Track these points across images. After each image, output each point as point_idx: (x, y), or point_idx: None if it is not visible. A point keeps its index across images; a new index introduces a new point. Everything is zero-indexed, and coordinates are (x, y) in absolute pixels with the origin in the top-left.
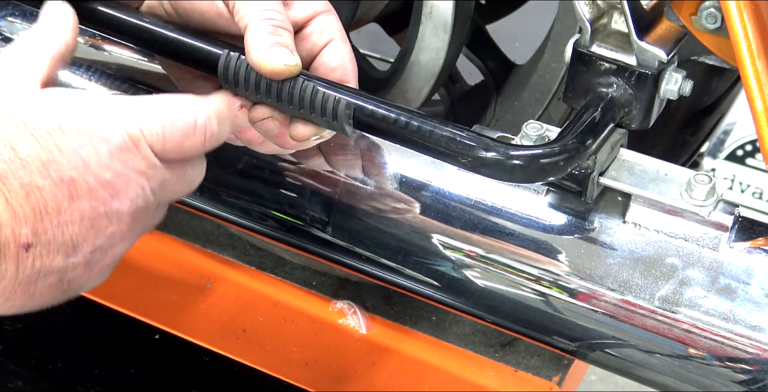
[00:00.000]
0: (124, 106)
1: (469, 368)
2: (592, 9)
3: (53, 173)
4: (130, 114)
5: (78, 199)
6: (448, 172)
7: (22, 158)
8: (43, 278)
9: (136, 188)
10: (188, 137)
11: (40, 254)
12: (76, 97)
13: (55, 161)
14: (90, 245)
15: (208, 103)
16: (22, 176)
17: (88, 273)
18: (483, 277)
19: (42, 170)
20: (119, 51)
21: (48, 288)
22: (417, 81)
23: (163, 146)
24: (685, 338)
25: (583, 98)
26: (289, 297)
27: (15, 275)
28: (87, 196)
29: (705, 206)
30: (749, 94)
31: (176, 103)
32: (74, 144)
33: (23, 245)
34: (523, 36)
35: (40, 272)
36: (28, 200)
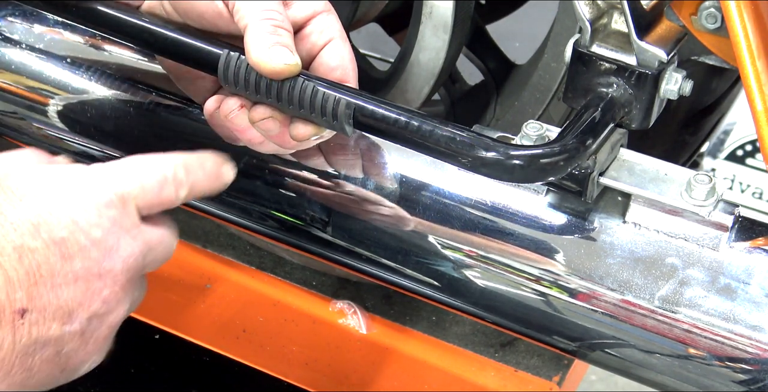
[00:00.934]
0: (103, 169)
1: (469, 368)
2: (592, 9)
3: (44, 234)
4: (111, 175)
5: (71, 259)
6: (448, 172)
7: (12, 221)
8: (40, 349)
9: (126, 246)
10: (162, 187)
11: (36, 320)
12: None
13: (46, 222)
14: (86, 310)
15: (174, 156)
16: (14, 239)
17: (84, 346)
18: (483, 277)
19: (33, 232)
20: (119, 51)
21: (46, 362)
22: (417, 81)
23: (144, 200)
24: (685, 338)
25: (583, 98)
26: (289, 297)
27: (12, 344)
28: (79, 256)
29: (705, 206)
30: (749, 94)
31: (145, 160)
32: (63, 205)
33: (18, 311)
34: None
35: (36, 342)
36: (21, 263)
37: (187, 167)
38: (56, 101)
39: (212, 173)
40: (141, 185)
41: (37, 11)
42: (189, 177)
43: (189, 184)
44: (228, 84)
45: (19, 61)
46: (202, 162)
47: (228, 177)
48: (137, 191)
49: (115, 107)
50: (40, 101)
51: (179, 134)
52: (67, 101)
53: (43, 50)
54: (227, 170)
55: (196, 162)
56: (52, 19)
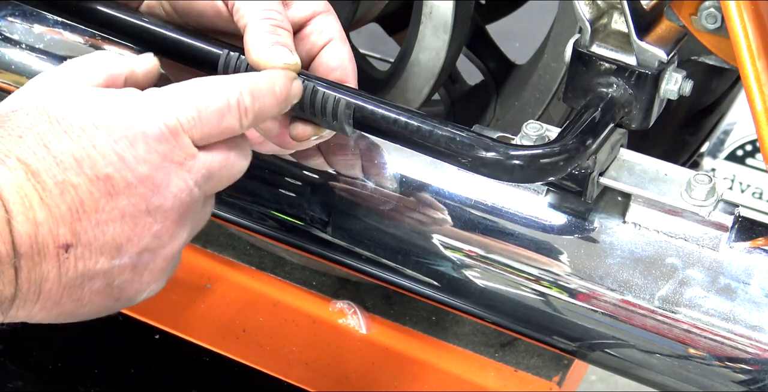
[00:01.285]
0: (156, 97)
1: (469, 368)
2: (592, 9)
3: (87, 170)
4: (164, 104)
5: (116, 196)
6: (448, 172)
7: (55, 155)
8: (89, 282)
9: (178, 181)
10: (224, 116)
11: (81, 255)
12: (110, 94)
13: (89, 157)
14: (135, 245)
15: (240, 79)
16: (55, 174)
17: (139, 277)
18: (483, 277)
19: (75, 167)
20: (119, 51)
21: (97, 294)
22: (417, 81)
23: (201, 131)
24: (685, 338)
25: (583, 98)
26: (289, 297)
27: (58, 277)
28: (125, 193)
29: (705, 206)
30: (749, 94)
31: (206, 84)
32: (108, 139)
33: (62, 246)
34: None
35: (84, 275)
36: (63, 199)
37: (254, 92)
38: None
39: (282, 94)
40: (198, 114)
41: (37, 11)
42: (255, 104)
43: (255, 111)
44: None
45: (19, 61)
46: (272, 84)
47: (296, 95)
48: (193, 122)
49: None
50: None
51: None
52: None
53: (43, 50)
54: (296, 86)
55: (265, 85)
56: (52, 19)
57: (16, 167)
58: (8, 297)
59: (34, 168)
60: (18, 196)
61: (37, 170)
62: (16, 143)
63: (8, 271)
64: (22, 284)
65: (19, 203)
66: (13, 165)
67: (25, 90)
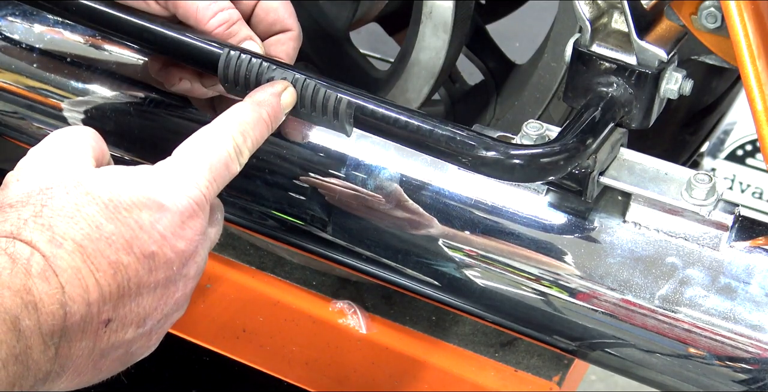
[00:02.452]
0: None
1: (469, 368)
2: (592, 8)
3: (136, 250)
4: (186, 177)
5: (156, 271)
6: (448, 171)
7: (107, 236)
8: (113, 352)
9: (202, 252)
10: (229, 166)
11: (116, 329)
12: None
13: (137, 237)
14: (159, 313)
15: (229, 122)
16: (109, 255)
17: (148, 342)
18: (483, 277)
19: (126, 247)
20: (119, 50)
21: (114, 361)
22: (417, 81)
23: (217, 188)
24: (685, 337)
25: (583, 98)
26: (289, 297)
27: (90, 351)
28: (164, 267)
29: (705, 206)
30: (749, 94)
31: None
32: (151, 219)
33: (103, 322)
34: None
35: (112, 347)
36: (114, 278)
37: (244, 130)
38: (56, 101)
39: (271, 116)
40: (212, 177)
41: (37, 11)
42: (248, 141)
43: (249, 148)
44: (228, 83)
45: (19, 61)
46: (258, 113)
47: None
48: (212, 185)
49: (115, 106)
50: (40, 100)
51: (179, 133)
52: (67, 100)
53: (43, 50)
54: (286, 99)
55: (252, 117)
56: (52, 19)
57: (74, 250)
58: (47, 372)
59: (89, 250)
60: (76, 278)
61: (93, 252)
62: (68, 224)
63: (51, 349)
64: (61, 359)
65: (77, 285)
66: (71, 248)
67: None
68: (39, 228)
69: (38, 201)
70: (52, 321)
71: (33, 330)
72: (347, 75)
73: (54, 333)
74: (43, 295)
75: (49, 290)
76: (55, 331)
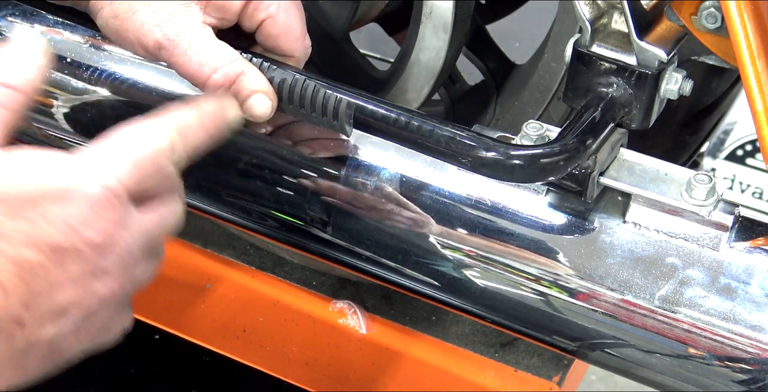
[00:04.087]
0: (92, 159)
1: (469, 368)
2: (592, 9)
3: (41, 244)
4: (102, 166)
5: (67, 264)
6: (448, 172)
7: (5, 233)
8: (33, 351)
9: (122, 242)
10: (158, 165)
11: (31, 327)
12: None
13: (42, 231)
14: (81, 309)
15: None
16: (9, 252)
17: (77, 340)
18: (483, 277)
19: (28, 242)
20: (119, 51)
21: (39, 360)
22: (417, 81)
23: (140, 186)
24: (685, 338)
25: (583, 98)
26: (289, 297)
27: (7, 351)
28: (76, 259)
29: (705, 206)
30: (749, 94)
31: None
32: (58, 211)
33: (16, 322)
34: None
35: (31, 345)
36: (19, 276)
37: (182, 131)
38: (56, 101)
39: (211, 125)
40: (135, 170)
41: (37, 11)
42: (186, 142)
43: (187, 149)
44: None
45: None
46: (200, 118)
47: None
48: (132, 178)
49: (115, 106)
50: (40, 100)
51: None
52: (67, 100)
53: None
54: (229, 109)
55: (193, 120)
56: (52, 19)
57: None
58: None
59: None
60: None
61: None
62: None
63: None
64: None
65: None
66: None
67: None
68: None
69: None
70: None
71: None
72: (347, 75)
73: None
74: None
75: None
76: None
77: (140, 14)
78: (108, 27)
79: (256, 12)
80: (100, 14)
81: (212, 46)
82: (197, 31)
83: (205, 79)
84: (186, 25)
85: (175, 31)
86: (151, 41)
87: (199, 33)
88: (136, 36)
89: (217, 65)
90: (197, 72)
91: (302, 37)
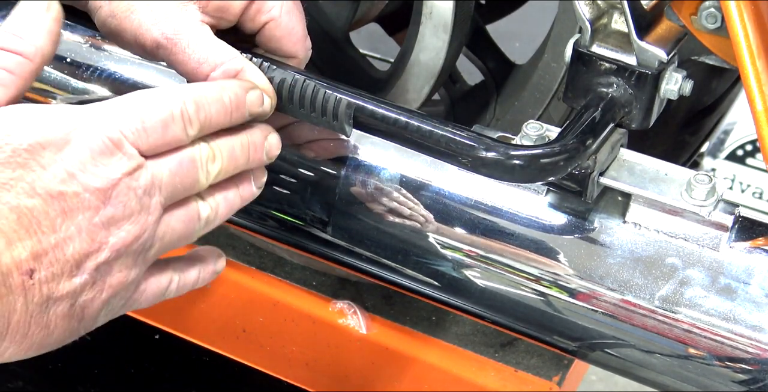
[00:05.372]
0: (97, 110)
1: (469, 368)
2: (592, 9)
3: (40, 191)
4: (105, 116)
5: (71, 212)
6: (448, 172)
7: (4, 182)
8: (54, 305)
9: (127, 190)
10: (168, 126)
11: (45, 278)
12: (45, 109)
13: (40, 178)
14: (93, 260)
15: (186, 88)
16: (9, 200)
17: (99, 294)
18: (483, 277)
19: (28, 190)
20: (119, 50)
21: (62, 317)
22: (417, 81)
23: (147, 142)
24: (685, 338)
25: (583, 98)
26: (289, 297)
27: (25, 305)
28: (80, 208)
29: (705, 206)
30: (749, 94)
31: (149, 95)
32: (56, 158)
33: (26, 272)
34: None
35: (49, 298)
36: (20, 223)
37: (198, 101)
38: (56, 101)
39: (233, 103)
40: (142, 126)
41: None
42: (201, 113)
43: (201, 120)
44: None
45: None
46: (219, 93)
47: (253, 105)
48: (137, 133)
49: None
50: (39, 101)
51: None
52: (67, 100)
53: None
54: (252, 97)
55: (211, 94)
56: None
57: None
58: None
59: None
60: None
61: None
62: None
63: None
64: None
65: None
66: None
67: None
68: None
69: None
70: None
71: None
72: (347, 75)
73: None
74: None
75: None
76: None
77: (138, 13)
78: (106, 26)
79: (258, 15)
80: (98, 13)
81: (211, 44)
82: (195, 30)
83: (204, 78)
84: (184, 24)
85: (173, 30)
86: (149, 40)
87: (197, 31)
88: (134, 35)
89: (216, 63)
90: (196, 70)
91: (303, 38)
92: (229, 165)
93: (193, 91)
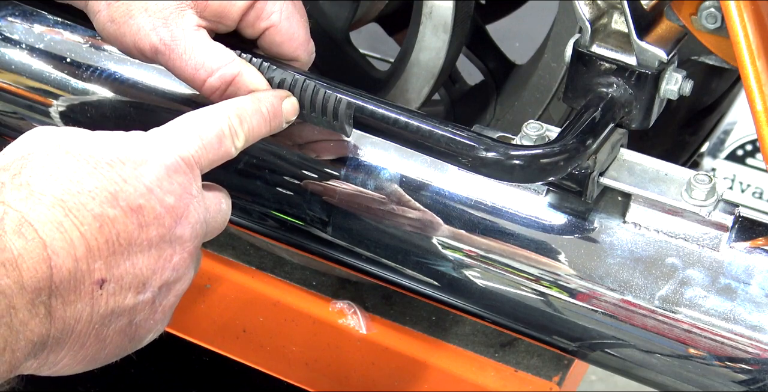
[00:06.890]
0: (162, 133)
1: (469, 368)
2: (592, 9)
3: (122, 202)
4: (172, 138)
5: (147, 227)
6: (448, 172)
7: (89, 190)
8: (115, 320)
9: (194, 212)
10: (222, 141)
11: (113, 291)
12: (120, 134)
13: (122, 190)
14: (158, 278)
15: (226, 104)
16: (93, 208)
17: (154, 315)
18: (483, 277)
19: (111, 200)
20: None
21: (118, 333)
22: (417, 81)
23: (207, 159)
24: (685, 338)
25: (583, 98)
26: (289, 297)
27: (90, 316)
28: (154, 223)
29: (705, 206)
30: (749, 94)
31: (200, 115)
32: (135, 173)
33: (97, 282)
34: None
35: (113, 312)
36: (101, 232)
37: (241, 114)
38: (56, 101)
39: (270, 113)
40: (202, 144)
41: (37, 11)
42: (244, 125)
43: (246, 132)
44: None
45: (19, 61)
46: (257, 105)
47: (289, 113)
48: (200, 152)
49: (115, 107)
50: (40, 101)
51: None
52: (67, 101)
53: (43, 50)
54: (288, 105)
55: (250, 107)
56: (52, 19)
57: (53, 204)
58: (42, 336)
59: (70, 204)
60: (58, 232)
61: (75, 206)
62: (47, 181)
63: (40, 308)
64: (56, 323)
65: (60, 238)
66: (50, 203)
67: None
68: (16, 188)
69: (18, 165)
70: (36, 276)
71: (14, 287)
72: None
73: (41, 290)
74: (22, 251)
75: (28, 245)
76: (42, 288)
77: (136, 19)
78: (105, 31)
79: (258, 21)
80: (97, 18)
81: (207, 49)
82: (192, 35)
83: (202, 83)
84: (182, 30)
85: (170, 36)
86: (147, 46)
87: (194, 37)
88: (133, 40)
89: (212, 68)
90: (194, 76)
91: (306, 42)
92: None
93: (234, 107)
